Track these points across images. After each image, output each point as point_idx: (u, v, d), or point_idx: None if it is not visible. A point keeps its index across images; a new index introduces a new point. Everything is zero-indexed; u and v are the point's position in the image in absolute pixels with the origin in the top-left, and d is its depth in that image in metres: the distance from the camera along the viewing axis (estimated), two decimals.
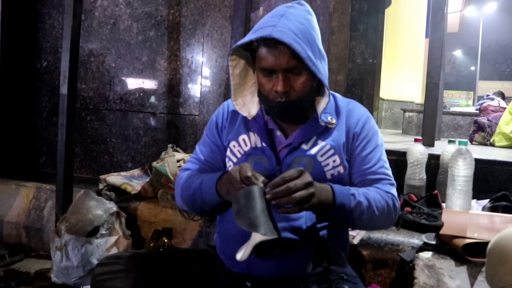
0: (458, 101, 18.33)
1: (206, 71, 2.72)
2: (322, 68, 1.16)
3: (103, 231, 2.00)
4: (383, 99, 5.29)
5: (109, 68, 3.04)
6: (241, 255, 1.04)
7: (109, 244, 1.97)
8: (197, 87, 2.74)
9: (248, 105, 1.28)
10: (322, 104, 1.21)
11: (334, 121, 1.23)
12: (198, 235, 2.03)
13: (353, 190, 1.14)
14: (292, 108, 1.17)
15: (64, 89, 2.24)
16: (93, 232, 2.00)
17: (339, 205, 1.09)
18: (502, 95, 5.39)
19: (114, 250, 1.97)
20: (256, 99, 1.27)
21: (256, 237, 1.00)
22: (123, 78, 3.00)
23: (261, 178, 1.04)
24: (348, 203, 1.11)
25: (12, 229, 2.55)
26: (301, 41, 1.09)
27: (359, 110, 1.30)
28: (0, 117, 3.11)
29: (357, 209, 1.12)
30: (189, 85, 2.77)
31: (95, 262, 1.90)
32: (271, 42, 1.10)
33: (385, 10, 2.82)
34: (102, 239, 1.98)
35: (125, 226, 2.09)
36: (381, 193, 1.19)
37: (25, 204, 2.57)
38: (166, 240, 1.97)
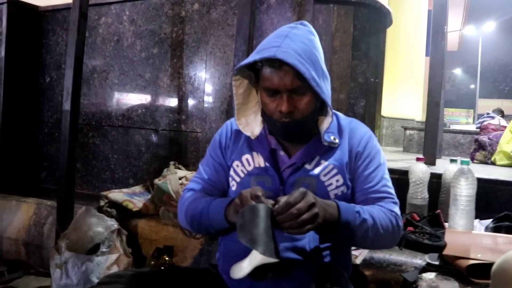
0: (458, 119, 18.44)
1: (209, 89, 2.73)
2: (326, 88, 1.16)
3: (103, 248, 1.99)
4: (384, 117, 5.30)
5: (112, 84, 3.06)
6: (236, 273, 1.03)
7: (109, 262, 1.96)
8: (200, 104, 2.75)
9: (251, 124, 1.28)
10: (325, 123, 1.22)
11: (337, 140, 1.24)
12: (199, 253, 2.01)
13: (358, 207, 1.14)
14: (296, 128, 1.18)
15: (67, 105, 2.26)
16: (94, 249, 1.99)
17: (344, 222, 1.08)
18: (501, 112, 5.40)
19: (114, 268, 1.95)
20: (259, 118, 1.28)
21: (257, 258, 0.98)
22: (126, 94, 3.02)
23: (270, 201, 1.04)
24: (353, 220, 1.10)
25: (12, 246, 2.53)
26: (305, 62, 1.10)
27: (361, 129, 1.31)
28: (2, 132, 3.13)
29: (362, 227, 1.11)
30: (192, 102, 2.78)
31: (95, 280, 1.89)
32: (276, 63, 1.11)
33: (386, 30, 2.84)
34: (103, 256, 1.97)
35: (126, 244, 2.08)
36: (385, 211, 1.19)
37: (25, 220, 2.56)
38: (167, 258, 1.96)
